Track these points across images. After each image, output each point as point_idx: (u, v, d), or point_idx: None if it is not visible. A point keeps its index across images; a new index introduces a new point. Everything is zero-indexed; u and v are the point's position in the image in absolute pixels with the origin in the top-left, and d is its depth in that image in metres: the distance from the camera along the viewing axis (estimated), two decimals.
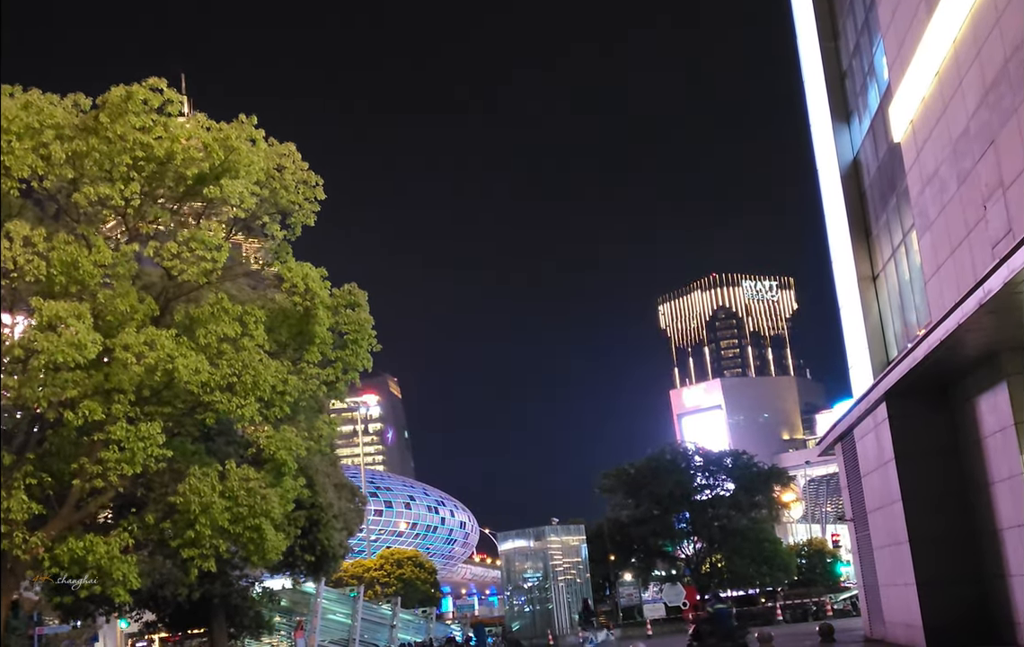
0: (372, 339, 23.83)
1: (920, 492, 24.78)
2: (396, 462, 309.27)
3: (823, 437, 35.53)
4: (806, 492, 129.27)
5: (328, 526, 28.46)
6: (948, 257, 23.50)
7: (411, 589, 65.74)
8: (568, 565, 60.64)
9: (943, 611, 23.90)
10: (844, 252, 32.62)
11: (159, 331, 18.85)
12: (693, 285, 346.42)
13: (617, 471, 68.95)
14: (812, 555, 70.56)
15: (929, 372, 22.74)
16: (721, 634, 27.46)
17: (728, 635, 27.51)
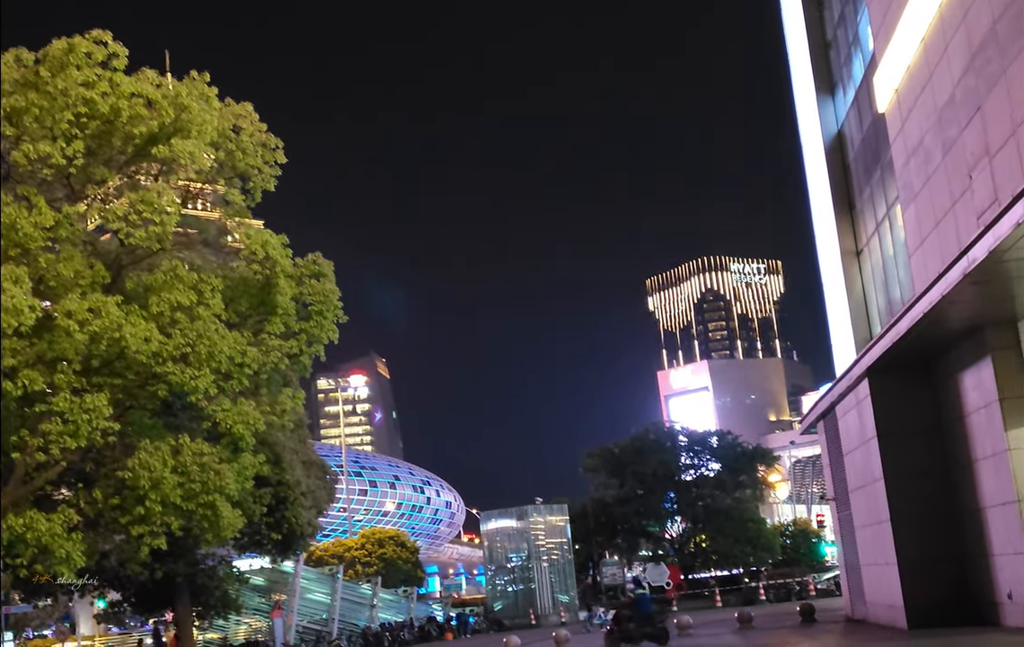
0: (338, 310, 23.04)
1: (902, 470, 24.08)
2: (384, 443, 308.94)
3: (805, 416, 34.86)
4: (792, 472, 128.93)
5: (296, 504, 27.70)
6: (932, 229, 22.77)
7: (393, 569, 65.07)
8: (551, 545, 60.14)
9: (925, 591, 23.25)
10: (828, 227, 31.91)
11: (106, 298, 18.00)
12: (682, 268, 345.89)
13: (601, 451, 68.37)
14: (797, 535, 70.06)
15: (912, 347, 22.04)
16: (641, 619, 27.40)
17: (648, 620, 27.45)
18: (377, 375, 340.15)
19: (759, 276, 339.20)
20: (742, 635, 27.88)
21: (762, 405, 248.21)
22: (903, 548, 23.80)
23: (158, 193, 18.65)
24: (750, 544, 62.42)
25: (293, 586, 53.49)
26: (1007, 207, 14.74)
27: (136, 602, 33.01)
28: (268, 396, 22.42)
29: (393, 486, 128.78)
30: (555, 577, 59.37)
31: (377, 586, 58.11)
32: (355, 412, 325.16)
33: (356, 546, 66.46)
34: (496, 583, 61.17)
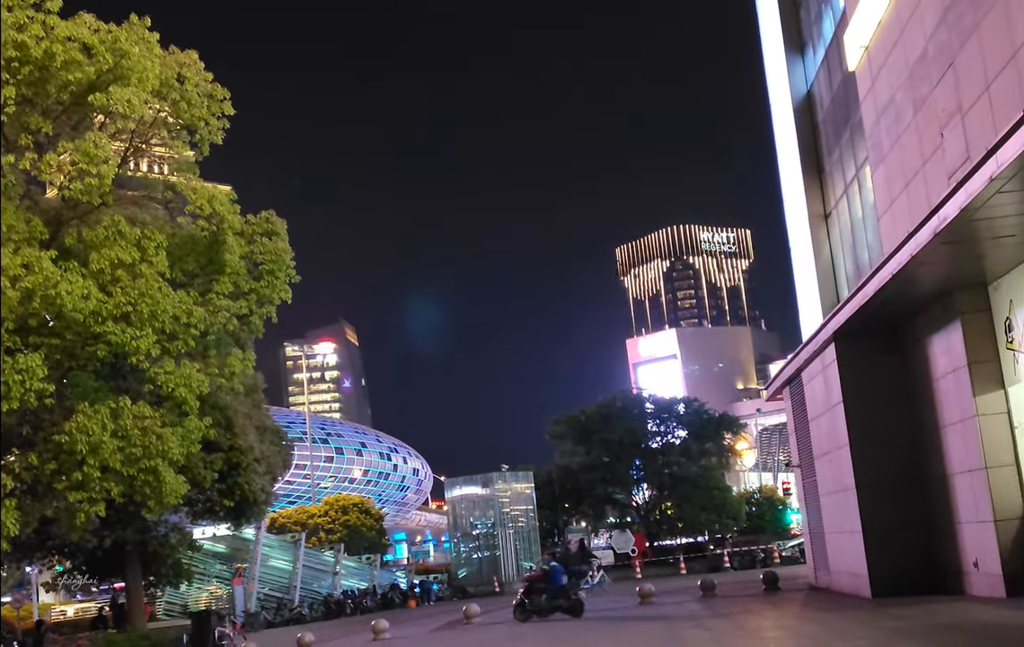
0: (291, 270, 22.27)
1: (868, 436, 23.62)
2: (353, 410, 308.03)
3: (771, 381, 34.43)
4: (758, 440, 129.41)
5: (248, 470, 26.95)
6: (902, 191, 22.24)
7: (357, 536, 64.58)
8: (517, 512, 59.82)
9: (889, 559, 22.84)
10: (796, 191, 31.37)
11: (40, 253, 17.14)
12: (651, 237, 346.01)
13: (568, 418, 68.01)
14: (762, 503, 70.09)
15: (880, 311, 21.52)
16: (553, 591, 27.29)
17: (561, 592, 27.32)
18: (346, 342, 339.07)
19: (728, 245, 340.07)
20: (704, 604, 27.44)
21: (730, 373, 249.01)
22: (868, 515, 23.38)
23: (95, 143, 17.76)
24: (716, 512, 62.33)
25: (254, 553, 52.95)
26: (979, 163, 14.16)
27: (87, 570, 32.20)
28: (217, 358, 21.64)
29: (360, 453, 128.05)
30: (520, 544, 59.08)
31: (340, 553, 57.64)
32: (323, 379, 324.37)
33: (320, 513, 65.87)
34: (460, 550, 60.78)
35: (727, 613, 23.60)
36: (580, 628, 24.01)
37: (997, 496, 19.02)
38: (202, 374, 19.93)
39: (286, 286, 22.24)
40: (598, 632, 22.33)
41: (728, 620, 21.75)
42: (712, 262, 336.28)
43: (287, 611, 51.00)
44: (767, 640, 17.29)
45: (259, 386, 29.82)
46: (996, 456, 19.15)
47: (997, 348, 19.37)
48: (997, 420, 19.28)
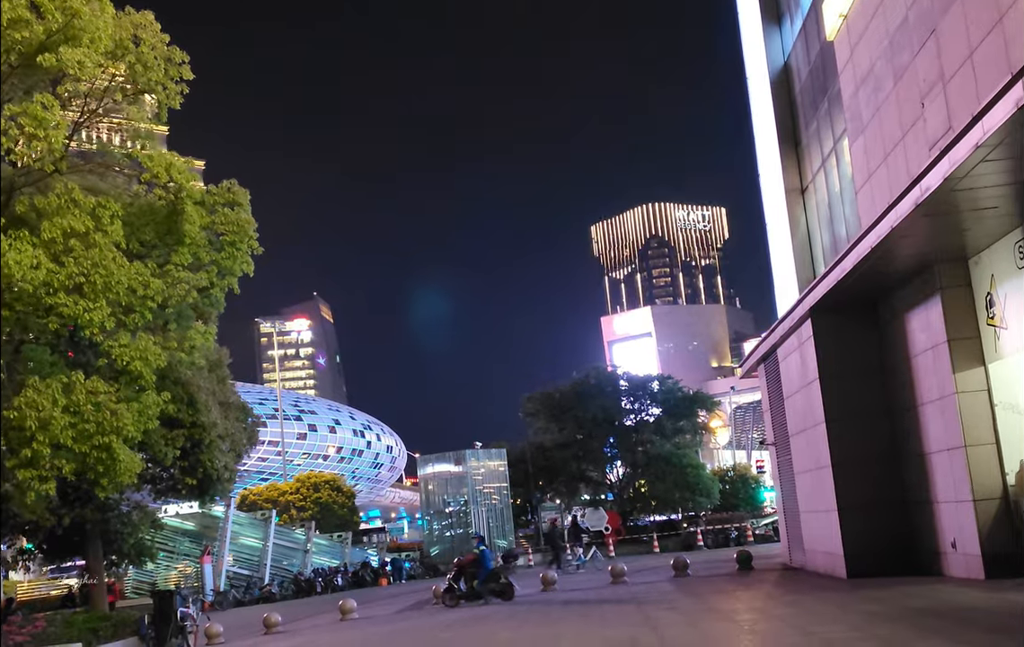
0: (253, 241, 21.53)
1: (845, 413, 23.20)
2: (328, 387, 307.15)
3: (746, 358, 33.96)
4: (732, 418, 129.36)
5: (211, 447, 26.23)
6: (881, 163, 21.77)
7: (328, 514, 63.92)
8: (490, 489, 59.37)
9: (865, 539, 22.48)
10: (772, 165, 30.89)
11: None
12: (626, 215, 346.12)
13: (541, 395, 67.54)
14: (736, 480, 69.80)
15: (858, 286, 21.05)
16: (484, 575, 27.30)
17: (492, 576, 27.35)
18: (321, 319, 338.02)
19: (703, 223, 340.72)
20: (677, 584, 27.02)
21: (704, 351, 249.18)
22: (844, 494, 22.99)
23: (43, 105, 17.00)
24: (689, 489, 61.98)
25: (223, 531, 52.29)
26: (964, 130, 13.65)
27: (47, 550, 31.43)
28: (177, 332, 20.93)
29: (333, 430, 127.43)
30: (493, 522, 58.63)
31: (311, 531, 57.04)
32: (298, 356, 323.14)
33: (291, 490, 65.15)
34: (433, 528, 60.29)
35: (700, 593, 23.17)
36: (548, 609, 23.52)
37: (976, 475, 18.62)
38: (159, 348, 19.19)
39: (248, 258, 21.53)
40: (567, 613, 21.83)
41: (700, 601, 21.30)
42: (687, 240, 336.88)
43: (257, 590, 50.40)
44: (740, 623, 16.81)
45: (223, 361, 29.09)
46: (976, 434, 18.75)
47: (977, 324, 18.95)
48: (977, 397, 18.87)
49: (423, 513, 63.11)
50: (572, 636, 17.36)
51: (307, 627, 28.36)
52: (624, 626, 17.85)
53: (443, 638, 19.71)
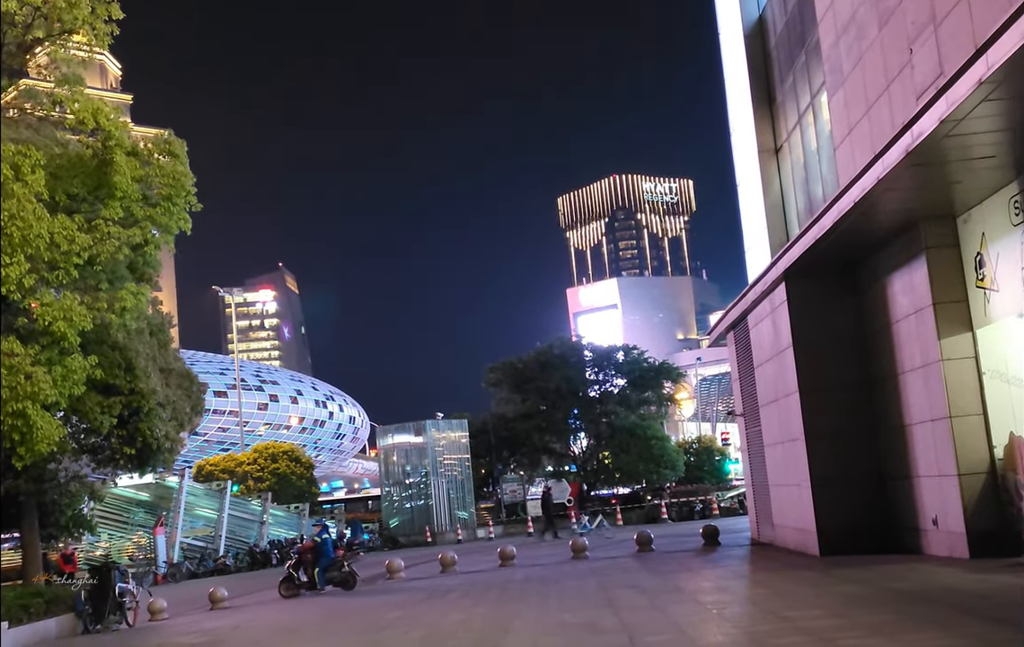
0: (191, 196, 19.99)
1: (820, 383, 21.95)
2: (293, 358, 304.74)
3: (714, 326, 32.70)
4: (698, 390, 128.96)
5: (151, 416, 24.64)
6: (863, 116, 20.44)
7: (287, 484, 62.46)
8: (451, 460, 58.15)
9: (840, 514, 21.27)
10: (745, 124, 29.55)
11: None
12: (593, 187, 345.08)
13: (504, 365, 66.30)
14: (701, 453, 68.89)
15: (836, 247, 19.78)
16: (325, 563, 26.43)
17: (333, 564, 26.52)
18: (286, 290, 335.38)
19: (670, 195, 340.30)
20: (641, 560, 25.84)
21: (670, 323, 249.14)
22: (817, 468, 21.77)
23: None
24: (654, 461, 60.99)
25: (177, 501, 50.78)
26: (966, 64, 12.33)
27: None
28: (109, 292, 19.37)
29: (295, 401, 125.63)
30: (454, 493, 57.51)
31: (267, 502, 55.61)
32: (263, 327, 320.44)
33: (248, 461, 63.61)
34: (392, 499, 59.00)
35: (665, 571, 21.96)
36: (506, 588, 22.27)
37: (962, 448, 17.44)
38: (85, 308, 17.62)
39: (185, 214, 20.01)
40: (525, 592, 20.57)
41: (665, 580, 20.06)
42: (655, 212, 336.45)
43: (211, 561, 49.06)
44: (708, 606, 15.56)
45: (166, 326, 27.44)
46: (962, 404, 17.56)
47: (965, 286, 17.72)
48: (963, 365, 17.67)
49: (381, 484, 61.74)
50: (527, 619, 16.07)
51: (253, 602, 27.07)
52: (584, 608, 16.59)
53: (390, 618, 18.37)
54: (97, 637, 22.43)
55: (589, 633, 13.80)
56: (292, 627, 19.25)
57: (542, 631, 14.55)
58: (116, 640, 21.50)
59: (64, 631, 23.08)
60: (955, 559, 17.33)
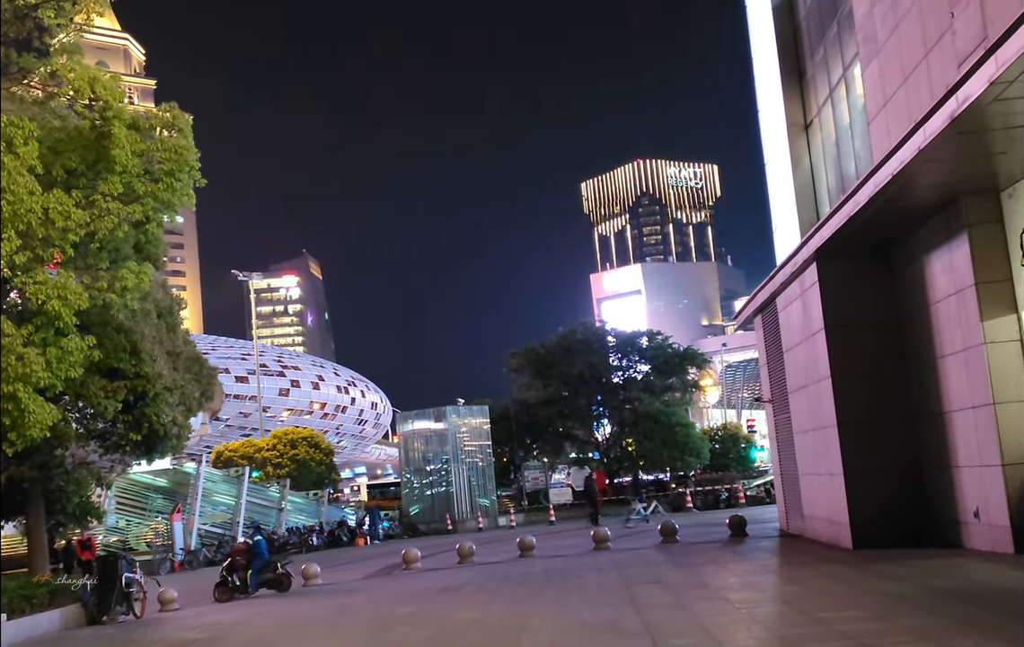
0: (195, 172, 19.12)
1: (853, 368, 20.94)
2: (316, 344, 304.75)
3: (741, 309, 31.65)
4: (723, 377, 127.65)
5: (157, 401, 23.86)
6: (899, 87, 19.39)
7: (306, 470, 61.84)
8: (472, 447, 57.27)
9: (874, 506, 20.29)
10: (773, 100, 28.47)
11: None
12: (617, 172, 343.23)
13: (526, 350, 65.42)
14: (726, 440, 67.83)
15: (871, 224, 18.74)
16: (259, 565, 25.24)
17: (267, 565, 25.38)
18: (310, 276, 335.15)
19: (695, 180, 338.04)
20: (665, 552, 24.92)
21: (695, 309, 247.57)
22: (850, 456, 20.76)
23: None
24: (678, 449, 60.02)
25: (195, 488, 50.19)
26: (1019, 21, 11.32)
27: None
28: (108, 272, 18.55)
29: (317, 386, 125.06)
30: (475, 480, 56.67)
31: (285, 489, 54.96)
32: (286, 313, 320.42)
33: (267, 447, 62.99)
34: (413, 486, 58.23)
35: (690, 565, 21.04)
36: (524, 581, 21.42)
37: (1006, 436, 16.42)
38: (81, 287, 16.81)
39: (190, 190, 19.14)
40: (544, 587, 19.69)
41: (691, 575, 19.13)
42: (679, 197, 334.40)
43: (228, 549, 48.34)
44: (736, 604, 14.62)
45: (175, 308, 26.61)
46: (1006, 390, 16.53)
47: (1010, 265, 16.69)
48: (1008, 348, 16.64)
49: (401, 471, 61.00)
50: (544, 617, 15.17)
51: (267, 593, 26.27)
52: (605, 605, 15.69)
53: (401, 614, 17.53)
54: (101, 629, 21.72)
55: (610, 634, 12.91)
56: (298, 622, 18.45)
57: (559, 631, 13.67)
58: (118, 632, 20.77)
59: (69, 622, 22.36)
60: (998, 554, 16.35)
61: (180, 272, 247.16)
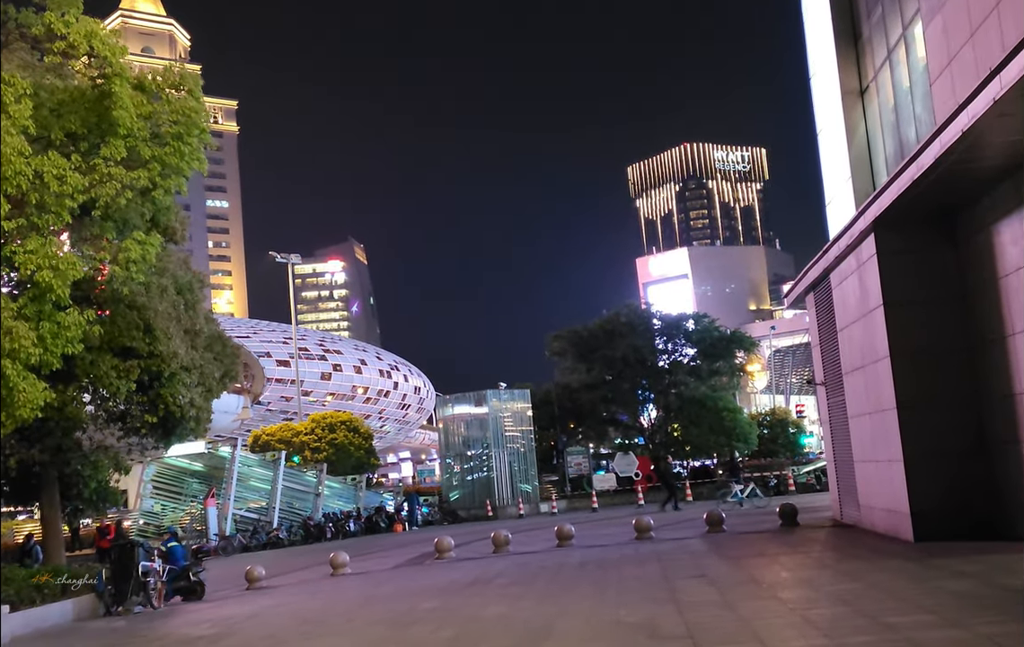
0: (205, 134, 17.91)
1: (913, 346, 19.38)
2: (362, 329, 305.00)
3: (792, 287, 29.99)
4: (771, 362, 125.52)
5: (174, 381, 22.73)
6: (966, 42, 17.76)
7: (344, 455, 60.92)
8: (513, 432, 56.03)
9: (937, 494, 18.75)
10: (826, 65, 26.82)
11: None
12: (664, 156, 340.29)
13: (568, 333, 63.97)
14: (775, 425, 66.06)
15: (935, 190, 17.18)
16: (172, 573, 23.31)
17: (181, 573, 23.55)
18: (355, 260, 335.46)
19: (743, 163, 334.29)
20: (710, 542, 23.48)
21: (742, 294, 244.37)
22: (912, 441, 19.20)
23: None
24: (725, 434, 58.42)
25: (229, 472, 49.44)
26: None
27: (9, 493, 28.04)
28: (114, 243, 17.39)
29: (359, 370, 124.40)
30: (516, 466, 55.44)
31: (322, 473, 54.04)
32: (332, 298, 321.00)
33: (305, 431, 62.13)
34: (453, 472, 57.10)
35: (737, 557, 19.61)
36: (558, 573, 20.12)
37: None
38: (74, 255, 15.64)
39: (201, 155, 17.93)
40: (579, 580, 18.36)
41: (738, 569, 17.72)
42: (727, 181, 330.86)
43: (263, 535, 47.55)
44: (789, 604, 13.19)
45: (196, 285, 25.41)
46: None
47: None
48: None
49: (441, 456, 59.89)
50: (576, 616, 13.86)
51: (292, 582, 25.26)
52: (643, 603, 14.33)
53: (424, 609, 16.29)
54: (112, 620, 20.71)
55: (646, 638, 11.57)
56: (316, 617, 17.26)
57: (591, 633, 12.36)
58: (129, 624, 19.72)
59: (82, 614, 21.38)
60: None
61: (226, 256, 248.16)
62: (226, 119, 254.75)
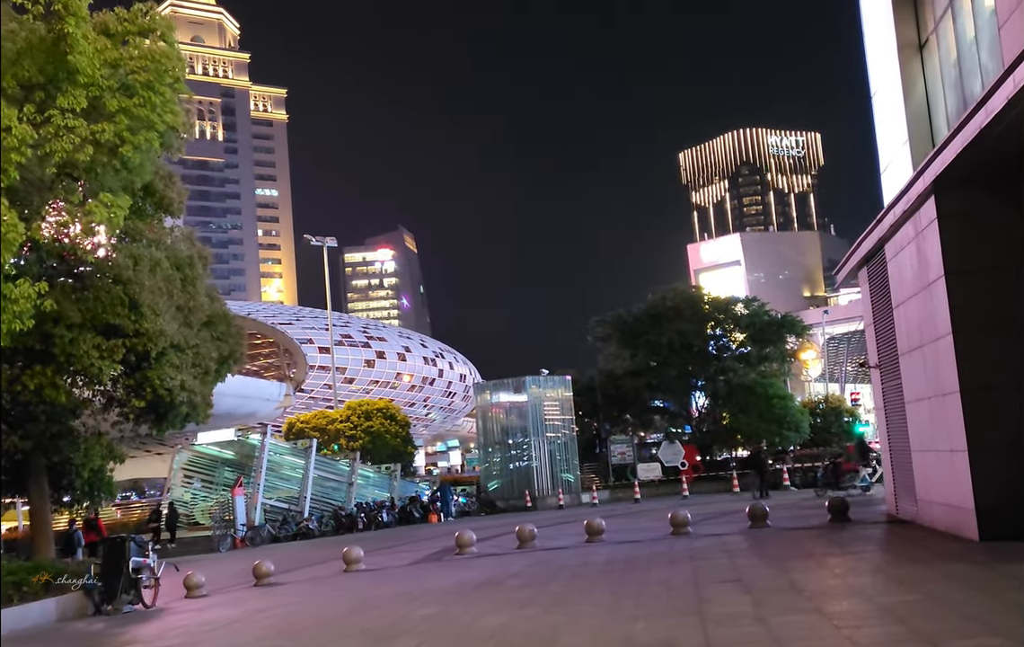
0: (180, 85, 16.05)
1: (980, 322, 17.14)
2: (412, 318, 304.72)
3: (843, 262, 27.64)
4: (825, 349, 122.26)
5: (163, 363, 20.97)
6: None
7: (380, 443, 59.35)
8: (554, 420, 54.00)
9: (1006, 488, 16.51)
10: (882, 19, 24.51)
11: None
12: (716, 141, 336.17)
13: (613, 317, 61.83)
14: (827, 413, 63.39)
15: (1005, 141, 14.96)
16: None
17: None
18: (405, 250, 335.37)
19: (796, 149, 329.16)
20: (751, 539, 21.36)
21: (796, 280, 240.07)
22: (977, 430, 16.97)
23: None
24: (776, 422, 55.95)
25: (259, 461, 48.00)
26: None
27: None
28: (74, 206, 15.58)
29: (403, 358, 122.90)
30: (557, 455, 53.43)
31: (355, 462, 52.38)
32: (382, 286, 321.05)
33: (340, 418, 60.67)
34: (492, 461, 55.19)
35: (779, 557, 17.50)
36: (577, 575, 18.16)
37: None
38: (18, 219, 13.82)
39: (175, 107, 16.06)
40: (597, 584, 16.35)
41: (779, 572, 15.59)
42: (780, 167, 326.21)
43: (293, 525, 46.04)
44: (834, 619, 11.10)
45: (197, 260, 23.54)
46: None
47: None
48: None
49: (479, 445, 58.05)
50: (582, 629, 11.89)
51: (301, 579, 23.56)
52: (664, 614, 12.34)
53: (415, 619, 14.39)
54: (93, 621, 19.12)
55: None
56: (296, 625, 15.40)
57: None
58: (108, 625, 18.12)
59: (66, 613, 19.82)
60: None
61: (275, 245, 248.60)
62: (275, 107, 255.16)
